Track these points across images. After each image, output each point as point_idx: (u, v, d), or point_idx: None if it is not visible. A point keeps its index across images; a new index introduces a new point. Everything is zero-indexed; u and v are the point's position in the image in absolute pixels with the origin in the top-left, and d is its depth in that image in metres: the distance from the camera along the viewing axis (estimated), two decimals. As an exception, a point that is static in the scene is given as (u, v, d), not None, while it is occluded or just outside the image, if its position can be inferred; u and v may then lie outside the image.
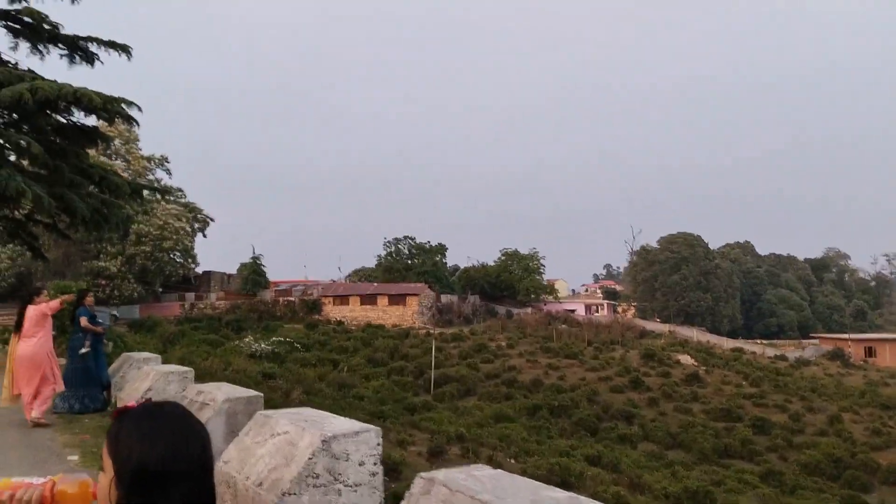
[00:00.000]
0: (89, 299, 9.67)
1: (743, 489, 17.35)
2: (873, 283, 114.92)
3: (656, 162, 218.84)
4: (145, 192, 13.81)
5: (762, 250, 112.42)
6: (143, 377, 7.45)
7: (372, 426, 3.77)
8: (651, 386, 35.58)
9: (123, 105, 12.00)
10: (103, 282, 46.09)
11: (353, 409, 19.29)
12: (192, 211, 56.82)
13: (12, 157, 12.09)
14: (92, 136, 13.02)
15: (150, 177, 53.17)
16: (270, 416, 3.94)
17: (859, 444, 28.84)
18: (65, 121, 13.11)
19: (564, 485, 11.84)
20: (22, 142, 10.53)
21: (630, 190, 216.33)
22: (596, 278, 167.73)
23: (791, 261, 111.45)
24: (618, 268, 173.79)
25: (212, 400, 5.31)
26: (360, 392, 25.16)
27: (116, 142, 48.86)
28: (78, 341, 9.16)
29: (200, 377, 19.62)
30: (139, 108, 12.37)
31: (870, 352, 61.71)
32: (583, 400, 31.51)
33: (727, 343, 61.00)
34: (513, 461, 13.83)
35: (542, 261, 67.94)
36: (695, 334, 60.58)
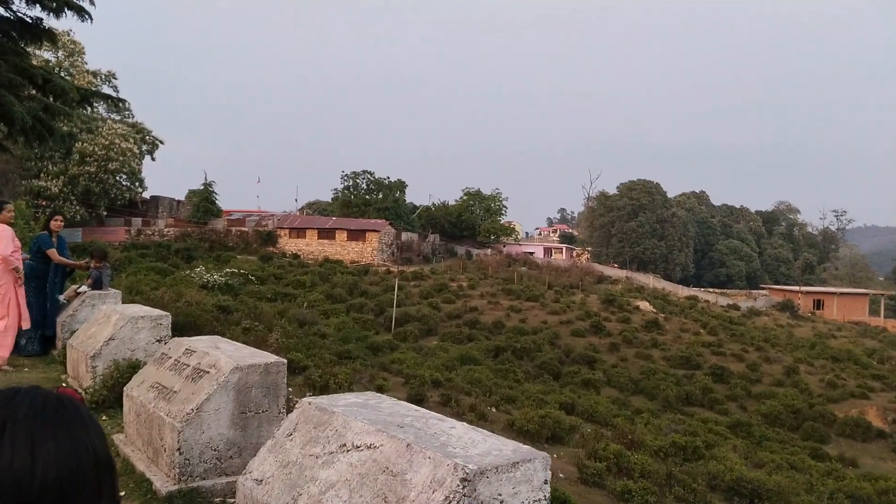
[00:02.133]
0: (56, 223, 7.92)
1: (717, 441, 17.09)
2: (820, 238, 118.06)
3: (616, 108, 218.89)
4: (95, 102, 12.03)
5: (716, 201, 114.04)
6: (103, 321, 5.69)
7: (537, 451, 2.36)
8: (611, 331, 35.58)
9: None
10: (43, 202, 43.38)
11: (318, 348, 18.26)
12: (141, 132, 53.81)
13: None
14: (34, 30, 11.17)
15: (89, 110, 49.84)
16: (330, 409, 2.59)
17: (815, 395, 29.36)
18: (3, 13, 11.25)
19: (555, 439, 11.12)
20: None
21: (588, 135, 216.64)
22: (550, 222, 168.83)
23: (743, 212, 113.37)
24: (572, 212, 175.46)
25: (212, 367, 3.83)
26: (322, 329, 24.12)
27: (59, 54, 45.47)
28: (35, 272, 7.61)
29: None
30: (91, 1, 10.63)
31: (818, 304, 63.43)
32: (545, 343, 31.22)
33: (682, 291, 61.78)
34: (494, 409, 13.06)
35: (504, 202, 67.10)
36: (651, 281, 61.13)
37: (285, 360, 3.88)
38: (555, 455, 10.10)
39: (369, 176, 68.12)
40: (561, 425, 11.23)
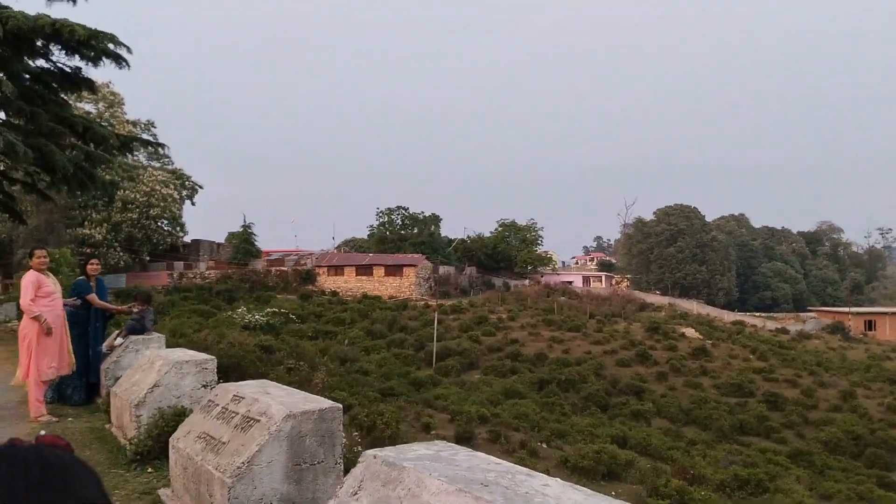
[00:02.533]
0: (93, 267, 7.71)
1: (779, 472, 16.29)
2: (866, 257, 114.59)
3: (649, 134, 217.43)
4: (135, 148, 12.13)
5: (756, 223, 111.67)
6: (147, 367, 5.36)
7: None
8: (658, 360, 34.72)
9: (111, 43, 10.36)
10: (88, 250, 44.29)
11: (361, 386, 18.02)
12: (180, 178, 54.89)
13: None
14: (74, 80, 11.37)
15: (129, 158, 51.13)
16: (399, 463, 2.18)
17: (876, 420, 28.08)
18: (44, 64, 11.47)
19: (612, 475, 10.63)
20: (-10, 79, 8.88)
21: (621, 162, 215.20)
22: (586, 250, 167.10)
23: (785, 234, 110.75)
24: (608, 240, 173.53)
25: (262, 414, 3.50)
26: (364, 366, 23.89)
27: (100, 105, 46.81)
28: (76, 319, 7.40)
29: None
30: (128, 49, 10.78)
31: (869, 325, 61.20)
32: (590, 374, 30.52)
33: (727, 316, 60.24)
34: (545, 445, 12.60)
35: (539, 231, 66.61)
36: (694, 307, 59.78)
37: (340, 406, 3.57)
38: (613, 493, 9.63)
39: (404, 211, 68.44)
40: (616, 460, 10.75)
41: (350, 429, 9.90)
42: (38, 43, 10.38)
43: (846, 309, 66.78)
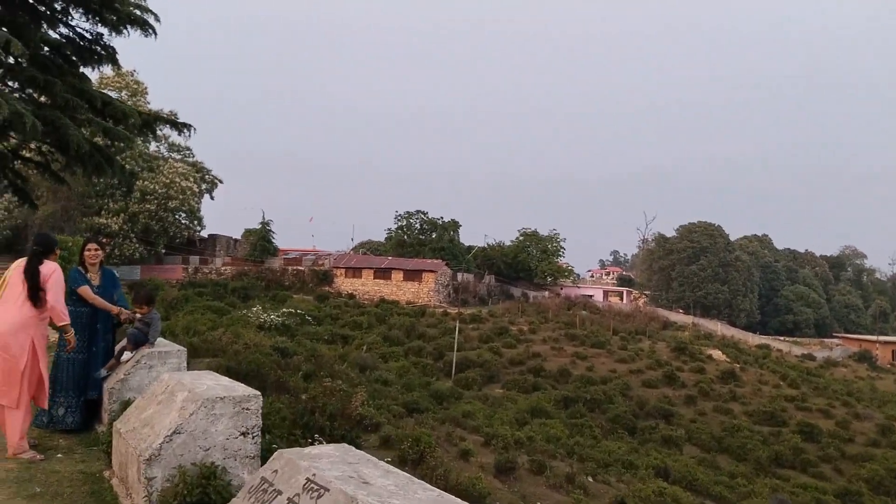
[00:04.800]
0: (91, 252, 5.98)
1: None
2: (890, 285, 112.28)
3: (669, 150, 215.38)
4: (158, 126, 11.10)
5: (779, 244, 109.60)
6: (163, 399, 3.97)
7: None
8: (686, 382, 33.41)
9: (136, 9, 9.32)
10: (104, 239, 43.50)
11: (384, 398, 16.84)
12: (200, 171, 54.14)
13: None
14: (95, 49, 10.33)
15: (159, 133, 50.50)
16: None
17: (918, 458, 26.57)
18: (64, 31, 10.45)
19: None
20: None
21: (640, 176, 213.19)
22: (603, 264, 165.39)
23: (808, 257, 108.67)
24: (625, 254, 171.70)
25: None
26: (383, 375, 22.74)
27: (123, 93, 46.13)
28: (76, 320, 5.70)
29: (208, 351, 17.01)
30: (156, 17, 9.74)
31: (897, 355, 59.40)
32: (616, 394, 29.30)
33: (751, 339, 58.63)
34: (591, 479, 11.36)
35: (561, 243, 65.23)
36: (719, 328, 58.18)
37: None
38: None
39: (423, 216, 67.26)
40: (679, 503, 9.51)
41: (379, 452, 8.75)
42: (57, 6, 9.39)
43: (873, 337, 64.94)
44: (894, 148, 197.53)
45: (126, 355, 5.91)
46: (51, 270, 5.23)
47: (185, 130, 11.17)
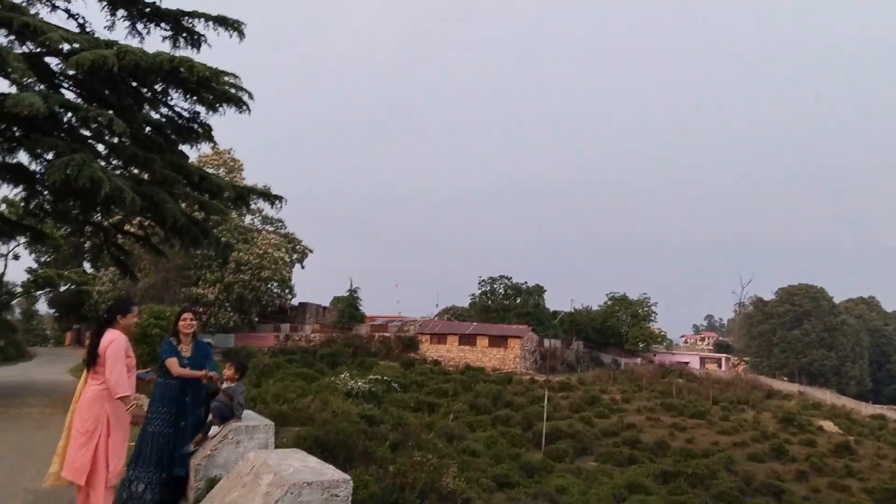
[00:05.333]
0: (185, 322, 5.85)
1: None
2: None
3: (763, 208, 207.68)
4: (252, 200, 11.37)
5: (887, 307, 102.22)
6: (249, 481, 3.75)
7: None
8: (795, 456, 30.98)
9: (232, 87, 9.67)
10: (201, 309, 45.25)
11: (472, 470, 16.24)
12: (292, 241, 56.01)
13: (100, 149, 9.98)
14: (192, 127, 10.79)
15: (253, 206, 52.79)
16: None
17: None
18: (164, 111, 10.98)
19: None
20: (101, 118, 8.22)
21: (732, 237, 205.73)
22: (697, 329, 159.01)
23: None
24: (721, 319, 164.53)
25: None
26: (471, 446, 22.09)
27: (221, 170, 48.69)
28: (164, 392, 5.65)
29: (297, 419, 16.92)
30: (250, 95, 10.09)
31: None
32: (720, 468, 27.35)
33: (864, 408, 54.22)
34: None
35: (653, 307, 63.16)
36: (828, 397, 54.22)
37: None
38: None
39: (507, 281, 66.82)
40: None
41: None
42: (157, 87, 9.88)
43: None
44: None
45: (213, 430, 5.68)
46: (109, 340, 5.04)
47: (277, 202, 11.43)
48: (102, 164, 9.01)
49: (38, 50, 9.99)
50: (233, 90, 9.95)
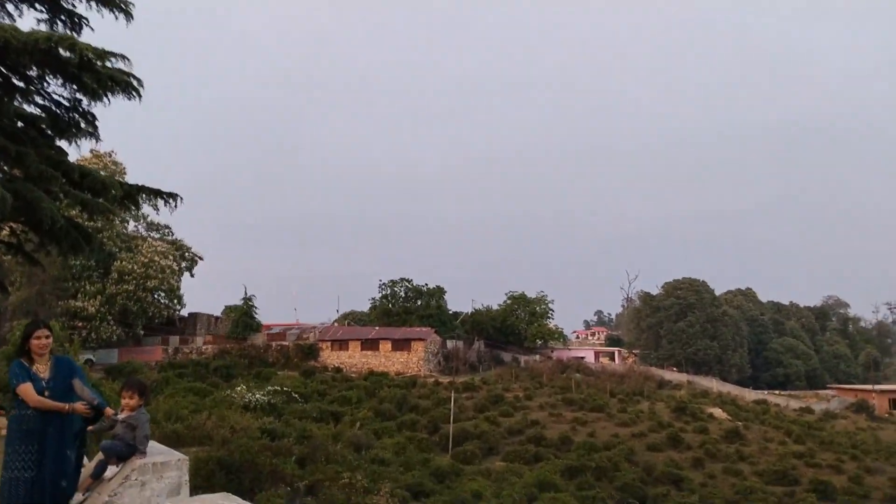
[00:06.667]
0: (39, 341, 4.72)
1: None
2: (875, 333, 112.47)
3: (648, 209, 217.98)
4: (142, 200, 10.27)
5: (762, 297, 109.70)
6: None
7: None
8: (690, 444, 32.28)
9: (121, 66, 8.62)
10: (80, 323, 42.11)
11: (384, 480, 15.67)
12: (180, 249, 53.28)
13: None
14: (71, 120, 9.62)
15: (138, 212, 49.76)
16: None
17: (941, 514, 25.57)
18: (40, 102, 9.78)
19: None
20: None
21: (619, 235, 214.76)
22: (587, 325, 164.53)
23: (793, 309, 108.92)
24: (609, 314, 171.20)
25: None
26: (379, 454, 21.50)
27: (102, 174, 45.56)
28: (20, 426, 4.51)
29: (194, 438, 15.75)
30: (139, 81, 9.06)
31: (893, 403, 58.60)
32: (621, 460, 28.05)
33: (748, 394, 57.66)
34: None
35: (550, 304, 64.53)
36: (714, 385, 57.21)
37: None
38: None
39: (407, 283, 66.40)
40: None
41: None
42: (33, 73, 8.73)
43: (868, 387, 64.26)
44: (868, 197, 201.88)
45: (111, 470, 4.63)
46: None
47: (171, 201, 10.37)
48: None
49: None
50: (121, 74, 8.92)
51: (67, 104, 9.51)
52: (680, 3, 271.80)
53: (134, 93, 9.06)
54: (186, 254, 54.19)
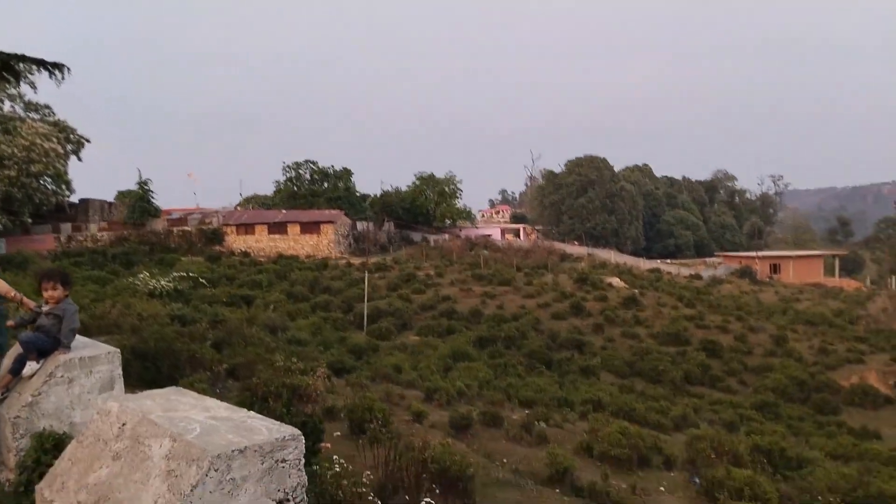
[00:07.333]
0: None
1: (760, 429, 15.44)
2: (759, 203, 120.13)
3: (546, 87, 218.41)
4: (23, 71, 9.03)
5: (658, 173, 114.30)
6: (126, 450, 2.42)
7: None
8: (591, 311, 34.14)
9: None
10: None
11: (305, 359, 15.76)
12: (64, 130, 49.30)
13: None
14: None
15: (12, 91, 45.28)
16: None
17: (810, 364, 28.45)
18: None
19: (642, 461, 9.05)
20: None
21: (522, 115, 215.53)
22: (492, 203, 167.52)
23: (685, 183, 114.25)
24: (513, 193, 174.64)
25: None
26: (296, 335, 21.55)
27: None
28: None
29: (100, 328, 15.19)
30: None
31: (774, 269, 63.70)
32: (529, 329, 29.42)
33: (643, 264, 61.05)
34: (544, 425, 10.88)
35: (459, 185, 64.81)
36: (612, 256, 60.12)
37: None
38: (661, 488, 8.06)
39: (313, 165, 64.78)
40: (644, 441, 9.13)
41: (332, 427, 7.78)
42: None
43: (752, 253, 69.30)
44: (751, 78, 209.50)
45: (30, 367, 4.20)
46: None
47: (57, 72, 9.27)
48: None
49: None
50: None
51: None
52: None
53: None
54: (72, 136, 50.27)
